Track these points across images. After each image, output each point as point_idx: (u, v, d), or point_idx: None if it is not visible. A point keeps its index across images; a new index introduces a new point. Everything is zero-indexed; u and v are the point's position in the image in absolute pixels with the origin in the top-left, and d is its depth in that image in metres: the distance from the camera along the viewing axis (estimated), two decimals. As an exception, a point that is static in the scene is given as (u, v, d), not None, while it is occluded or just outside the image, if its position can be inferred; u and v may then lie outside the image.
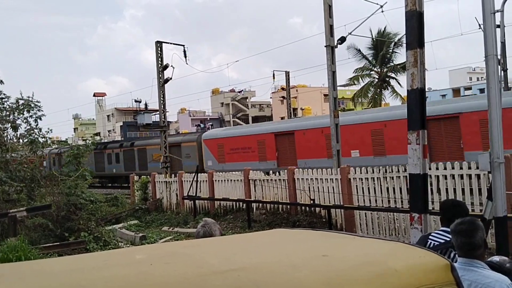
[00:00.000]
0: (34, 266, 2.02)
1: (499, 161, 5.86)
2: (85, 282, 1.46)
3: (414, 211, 5.54)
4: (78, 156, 15.25)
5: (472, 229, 2.81)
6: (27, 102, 14.64)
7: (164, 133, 21.40)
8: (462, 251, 2.84)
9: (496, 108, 5.92)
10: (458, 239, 2.84)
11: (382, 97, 37.25)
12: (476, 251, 2.79)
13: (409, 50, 5.54)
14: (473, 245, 2.78)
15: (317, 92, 54.34)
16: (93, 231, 12.16)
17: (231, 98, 62.91)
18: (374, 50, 35.82)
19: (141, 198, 18.82)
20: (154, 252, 2.19)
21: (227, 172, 16.26)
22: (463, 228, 2.83)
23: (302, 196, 13.08)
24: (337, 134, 13.88)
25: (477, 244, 2.78)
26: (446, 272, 1.85)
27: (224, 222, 14.35)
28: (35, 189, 14.44)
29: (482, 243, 2.81)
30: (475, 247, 2.78)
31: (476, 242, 2.78)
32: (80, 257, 2.18)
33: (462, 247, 2.83)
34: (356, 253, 1.94)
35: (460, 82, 64.19)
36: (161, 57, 20.59)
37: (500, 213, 5.85)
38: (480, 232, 2.80)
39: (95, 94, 79.48)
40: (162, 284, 1.45)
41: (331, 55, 13.89)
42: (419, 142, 5.41)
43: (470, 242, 2.79)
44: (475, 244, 2.78)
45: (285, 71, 31.32)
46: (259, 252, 2.00)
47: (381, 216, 11.07)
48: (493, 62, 5.91)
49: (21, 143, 15.58)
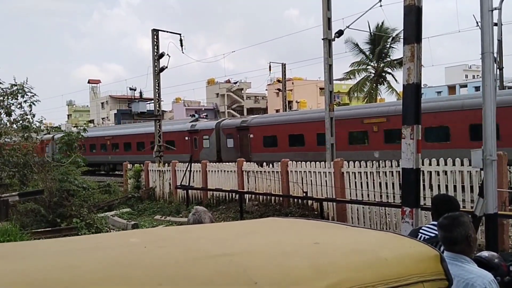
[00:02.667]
0: (25, 247, 2.03)
1: (492, 158, 5.90)
2: (77, 262, 1.47)
3: (406, 205, 5.58)
4: (71, 142, 15.19)
5: (452, 224, 2.84)
6: (21, 87, 14.53)
7: (159, 122, 21.33)
8: (444, 245, 2.89)
9: (490, 105, 5.96)
10: (440, 233, 2.92)
11: (378, 92, 37.32)
12: (456, 246, 2.82)
13: (407, 45, 5.55)
14: (452, 240, 2.82)
15: (313, 86, 54.31)
16: (85, 218, 12.14)
17: (227, 89, 62.75)
18: (372, 45, 35.82)
19: (134, 187, 18.79)
20: (147, 236, 2.19)
21: (223, 163, 16.26)
22: (444, 222, 2.89)
23: (295, 189, 13.13)
24: (331, 127, 13.91)
25: (456, 239, 2.80)
26: (435, 262, 1.88)
27: (216, 212, 14.38)
28: (28, 175, 14.38)
29: (462, 239, 2.82)
30: (455, 241, 2.81)
31: (454, 237, 2.80)
32: (73, 239, 2.18)
33: (443, 241, 2.89)
34: (347, 242, 1.96)
35: (456, 79, 64.39)
36: (157, 46, 20.46)
37: (491, 210, 5.91)
38: (460, 228, 2.82)
39: (90, 81, 78.94)
40: (155, 266, 1.45)
41: (328, 48, 13.87)
42: (413, 137, 5.43)
43: (449, 236, 2.83)
44: (454, 239, 2.81)
45: (282, 63, 31.32)
46: (251, 238, 2.02)
47: (373, 211, 11.14)
48: (489, 60, 5.93)
49: (14, 128, 15.48)
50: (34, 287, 1.22)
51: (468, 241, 2.84)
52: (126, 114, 49.03)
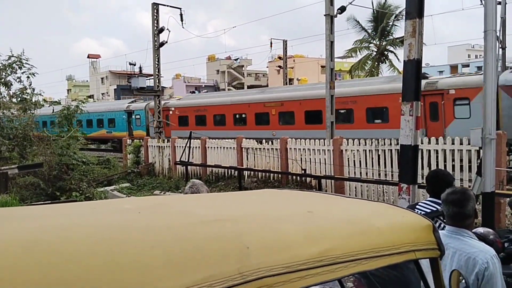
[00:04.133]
0: (20, 211, 2.04)
1: (491, 137, 5.90)
2: (70, 225, 1.47)
3: (403, 181, 5.60)
4: (69, 117, 15.17)
5: (463, 198, 2.84)
6: (18, 59, 14.41)
7: (158, 98, 21.25)
8: (453, 220, 2.86)
9: (491, 84, 5.92)
10: (450, 208, 2.86)
11: (379, 70, 37.03)
12: (466, 220, 2.83)
13: (408, 20, 5.47)
14: (464, 215, 2.82)
15: (314, 63, 53.87)
16: (84, 192, 12.23)
17: (227, 65, 62.30)
18: (374, 23, 35.36)
19: (134, 162, 18.85)
20: (142, 202, 2.21)
21: (221, 140, 16.26)
22: (455, 197, 2.85)
23: (294, 166, 13.17)
24: (332, 105, 13.86)
25: (468, 214, 2.82)
26: (427, 232, 1.89)
27: (215, 188, 14.47)
28: (27, 148, 14.41)
29: (472, 213, 2.84)
30: (466, 216, 2.82)
31: (467, 211, 2.81)
32: (68, 205, 2.19)
33: (454, 216, 2.85)
34: (340, 211, 1.97)
35: (459, 58, 63.85)
36: (157, 20, 20.23)
37: (489, 188, 5.93)
38: (471, 202, 2.84)
39: (89, 56, 78.31)
40: (148, 230, 1.46)
41: (330, 24, 13.72)
42: (412, 114, 5.42)
43: (461, 212, 2.82)
44: (466, 214, 2.82)
45: (283, 40, 30.96)
46: (246, 206, 2.03)
47: (371, 188, 11.20)
48: (492, 38, 5.86)
49: (14, 102, 15.44)
50: (25, 247, 1.22)
51: (475, 215, 2.86)
52: (125, 89, 48.76)
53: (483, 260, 2.63)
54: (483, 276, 2.60)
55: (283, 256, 1.43)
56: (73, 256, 1.21)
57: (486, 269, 2.60)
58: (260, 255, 1.40)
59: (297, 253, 1.46)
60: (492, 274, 2.60)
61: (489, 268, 2.60)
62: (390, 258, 1.69)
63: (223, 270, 1.30)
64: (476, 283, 2.62)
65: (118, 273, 1.19)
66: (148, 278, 1.20)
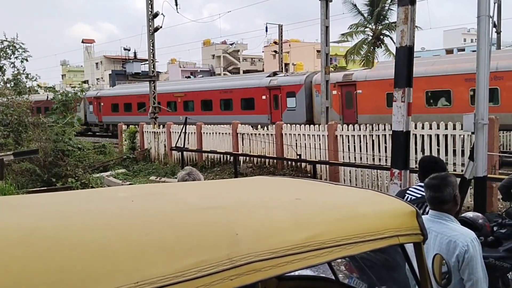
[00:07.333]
0: (17, 200, 2.09)
1: (483, 122, 5.97)
2: (66, 213, 1.53)
3: (395, 167, 5.69)
4: (67, 103, 15.13)
5: (442, 184, 2.91)
6: (12, 43, 14.29)
7: (153, 83, 21.16)
8: (432, 205, 2.97)
9: (484, 69, 5.96)
10: (428, 193, 2.97)
11: (375, 55, 36.90)
12: (444, 205, 2.90)
13: (401, 7, 5.50)
14: (441, 199, 2.90)
15: (310, 48, 53.65)
16: (80, 178, 12.26)
17: (223, 50, 61.91)
18: (370, 7, 35.14)
19: (129, 148, 18.85)
20: (135, 191, 2.26)
21: (216, 125, 16.30)
22: (433, 182, 2.95)
23: (289, 151, 13.24)
24: (327, 90, 13.91)
25: (445, 199, 2.89)
26: (411, 218, 1.96)
27: (211, 174, 14.53)
28: (22, 134, 14.39)
29: (451, 199, 2.90)
30: (443, 201, 2.89)
31: (444, 197, 2.89)
32: (63, 193, 2.25)
33: (432, 201, 2.96)
34: (327, 198, 2.04)
35: (455, 43, 63.72)
36: (151, 5, 20.01)
37: (481, 173, 6.02)
38: (449, 188, 2.90)
39: (84, 41, 77.55)
40: (142, 217, 1.52)
41: (325, 9, 13.68)
42: (404, 100, 5.48)
43: (438, 196, 2.90)
44: (443, 199, 2.89)
45: (278, 25, 30.81)
46: (237, 194, 2.09)
47: (365, 173, 11.29)
48: (485, 23, 5.89)
49: (8, 87, 15.35)
50: (22, 235, 1.28)
51: (455, 200, 2.93)
52: (120, 75, 48.47)
53: (463, 243, 2.71)
54: (463, 259, 2.69)
55: (271, 242, 1.50)
56: (69, 242, 1.27)
57: (466, 252, 2.68)
58: (249, 241, 1.46)
59: (284, 239, 1.53)
60: (472, 256, 2.69)
61: (469, 251, 2.69)
62: (374, 243, 1.77)
63: (214, 255, 1.37)
64: (457, 265, 2.71)
65: (113, 259, 1.25)
66: (142, 263, 1.26)
